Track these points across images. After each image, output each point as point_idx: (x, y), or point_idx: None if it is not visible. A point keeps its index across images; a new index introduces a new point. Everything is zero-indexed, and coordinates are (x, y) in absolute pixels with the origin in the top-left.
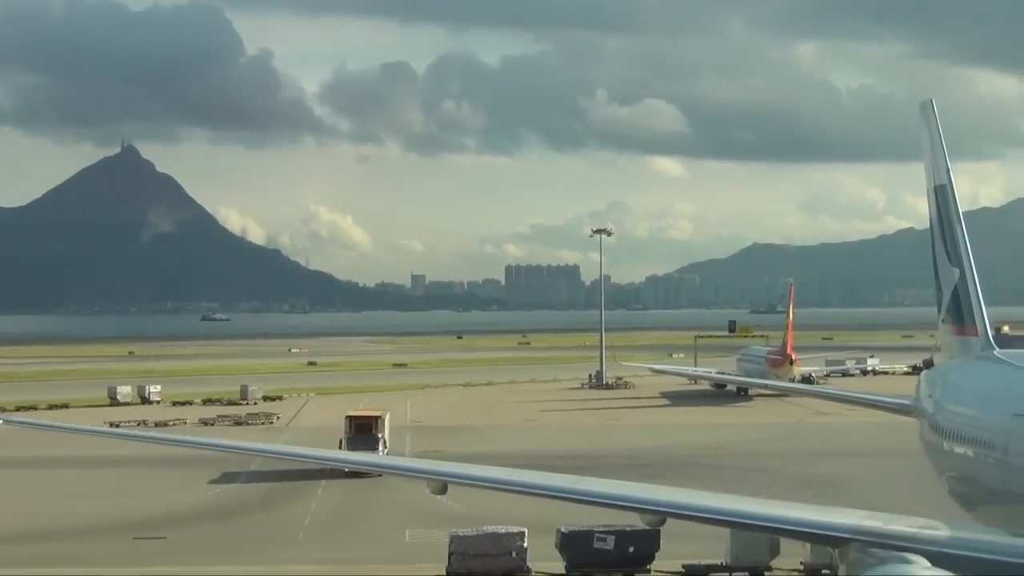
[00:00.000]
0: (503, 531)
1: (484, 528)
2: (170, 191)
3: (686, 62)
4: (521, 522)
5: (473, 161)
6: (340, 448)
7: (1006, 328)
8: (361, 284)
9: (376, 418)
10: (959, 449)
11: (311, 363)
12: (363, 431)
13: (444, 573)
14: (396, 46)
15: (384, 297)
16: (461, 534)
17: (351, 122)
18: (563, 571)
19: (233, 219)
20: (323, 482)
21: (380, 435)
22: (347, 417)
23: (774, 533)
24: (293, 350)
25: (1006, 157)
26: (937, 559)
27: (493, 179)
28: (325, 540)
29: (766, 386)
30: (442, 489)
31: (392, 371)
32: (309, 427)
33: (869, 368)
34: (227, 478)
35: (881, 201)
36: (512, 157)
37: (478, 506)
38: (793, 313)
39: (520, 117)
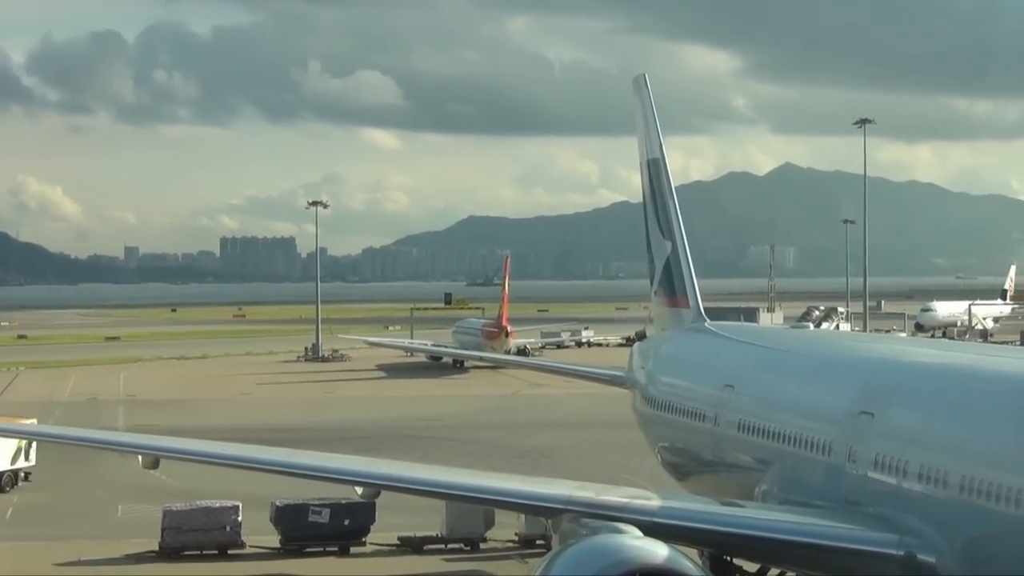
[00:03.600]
0: (217, 505)
1: (198, 502)
2: None
3: (400, 34)
4: (235, 496)
5: (186, 132)
6: None
7: None
8: (73, 256)
9: None
10: (671, 420)
11: (21, 336)
12: None
13: (157, 548)
14: (104, 15)
15: (97, 269)
16: (174, 508)
17: (60, 92)
18: (278, 545)
19: None
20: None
21: None
22: None
23: (488, 504)
24: (2, 323)
25: (717, 132)
26: (648, 528)
27: (207, 150)
28: (34, 516)
29: (481, 358)
30: (154, 463)
31: (105, 344)
32: (19, 402)
33: (584, 340)
34: None
35: (595, 174)
36: (226, 128)
37: (192, 480)
38: (508, 285)
39: (234, 88)
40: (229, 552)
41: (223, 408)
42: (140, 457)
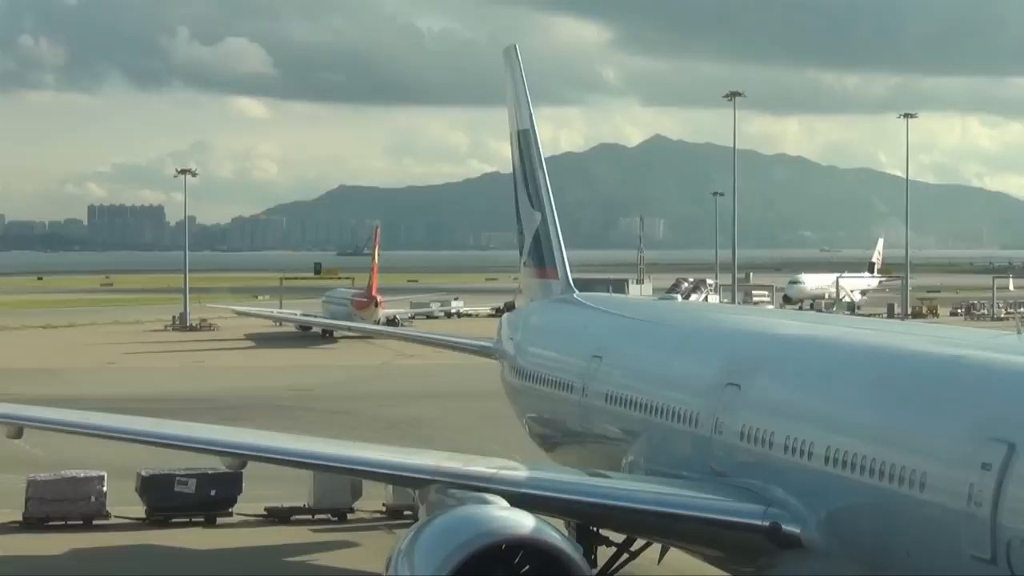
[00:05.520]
0: (82, 475)
1: (62, 473)
2: None
3: (269, 1)
4: (101, 466)
5: (52, 98)
6: None
7: None
8: None
9: None
10: (539, 391)
11: None
12: None
13: (21, 519)
14: None
15: None
16: (39, 479)
17: None
18: (143, 515)
19: None
20: None
21: None
22: None
23: (355, 475)
24: None
25: (588, 103)
26: (516, 499)
27: (73, 117)
28: None
29: (351, 328)
30: (18, 433)
31: None
32: None
33: (453, 310)
34: None
35: (465, 145)
36: (93, 95)
37: (56, 450)
38: (379, 255)
39: (101, 54)
40: (94, 522)
41: (89, 377)
42: (3, 427)
